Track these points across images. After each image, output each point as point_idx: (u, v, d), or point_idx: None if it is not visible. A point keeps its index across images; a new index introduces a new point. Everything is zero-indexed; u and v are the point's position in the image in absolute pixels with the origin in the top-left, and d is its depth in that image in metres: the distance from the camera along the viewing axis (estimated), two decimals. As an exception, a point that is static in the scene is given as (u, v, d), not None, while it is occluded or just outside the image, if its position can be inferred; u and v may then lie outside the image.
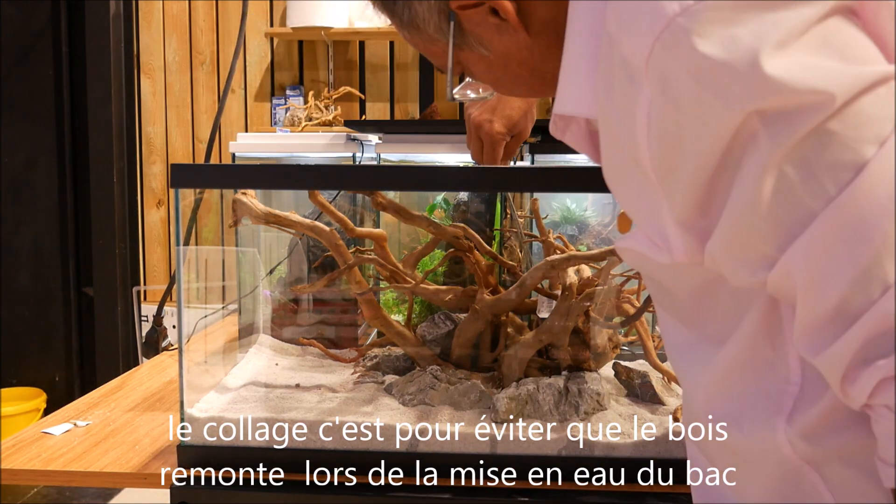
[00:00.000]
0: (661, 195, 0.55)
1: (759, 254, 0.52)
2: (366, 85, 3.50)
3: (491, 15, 0.65)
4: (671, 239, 0.56)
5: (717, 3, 0.49)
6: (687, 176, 0.53)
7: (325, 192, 1.29)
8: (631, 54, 0.53)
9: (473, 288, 1.19)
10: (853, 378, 0.50)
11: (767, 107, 0.48)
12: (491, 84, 0.75)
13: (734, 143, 0.50)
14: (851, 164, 0.47)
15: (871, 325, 0.48)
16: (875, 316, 0.48)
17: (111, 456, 1.08)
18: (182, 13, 3.55)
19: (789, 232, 0.50)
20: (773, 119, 0.48)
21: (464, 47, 0.69)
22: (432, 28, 0.68)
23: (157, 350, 1.64)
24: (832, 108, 0.47)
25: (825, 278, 0.49)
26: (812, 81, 0.47)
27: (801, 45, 0.48)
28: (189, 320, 1.21)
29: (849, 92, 0.47)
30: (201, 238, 1.50)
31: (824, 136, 0.48)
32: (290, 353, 1.38)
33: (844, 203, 0.48)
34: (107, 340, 3.44)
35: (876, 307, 0.48)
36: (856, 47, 0.49)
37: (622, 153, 0.57)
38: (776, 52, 0.48)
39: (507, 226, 1.37)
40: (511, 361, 1.14)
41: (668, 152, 0.53)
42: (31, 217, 3.45)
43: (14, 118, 3.41)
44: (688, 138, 0.52)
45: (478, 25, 0.66)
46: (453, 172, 1.10)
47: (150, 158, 3.62)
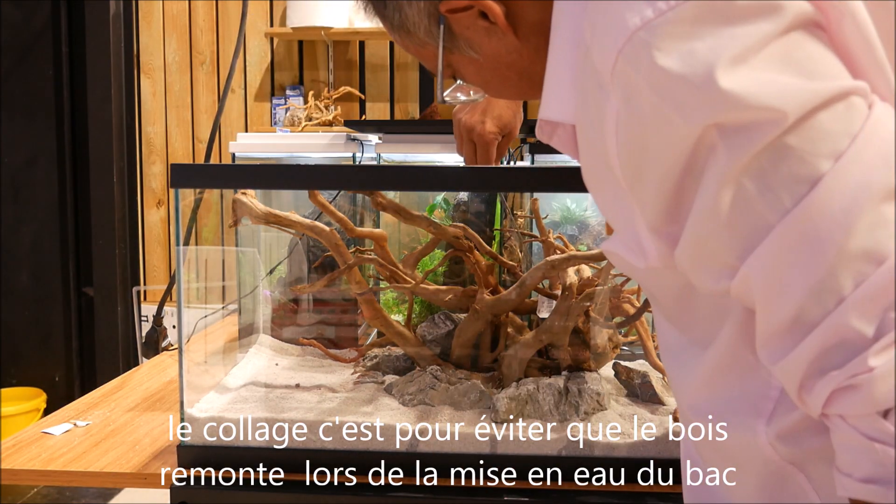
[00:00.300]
0: (633, 201, 0.56)
1: (720, 262, 0.53)
2: (366, 85, 3.50)
3: (480, 18, 0.65)
4: (645, 244, 0.57)
5: (678, 17, 0.50)
6: (653, 184, 0.54)
7: (325, 192, 1.29)
8: (599, 64, 0.54)
9: (473, 288, 1.19)
10: (809, 387, 0.51)
11: (724, 120, 0.49)
12: (481, 87, 0.76)
13: (696, 154, 0.51)
14: (807, 178, 0.48)
15: (825, 336, 0.49)
16: (829, 327, 0.49)
17: (111, 456, 1.08)
18: (182, 13, 3.55)
19: (748, 242, 0.51)
20: (731, 132, 0.49)
21: (454, 50, 0.70)
22: (422, 31, 0.69)
23: (157, 350, 1.64)
24: (785, 124, 0.48)
25: (782, 289, 0.50)
26: (766, 98, 0.48)
27: (759, 60, 0.48)
28: (189, 320, 1.21)
29: (803, 108, 0.48)
30: (201, 238, 1.50)
31: (781, 150, 0.49)
32: (290, 353, 1.38)
33: (800, 216, 0.49)
34: (107, 340, 3.44)
35: (830, 319, 0.49)
36: (817, 62, 0.50)
37: (597, 160, 0.58)
38: (732, 68, 0.48)
39: (507, 226, 1.37)
40: (511, 361, 1.14)
41: (635, 161, 0.54)
42: (31, 217, 3.45)
43: (14, 118, 3.41)
44: (651, 148, 0.53)
45: (467, 28, 0.67)
46: (453, 172, 1.10)
47: (150, 158, 3.62)
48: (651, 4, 0.50)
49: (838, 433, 0.51)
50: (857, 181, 0.48)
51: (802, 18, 0.50)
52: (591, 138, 0.57)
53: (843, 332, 0.48)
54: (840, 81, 0.49)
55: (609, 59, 0.52)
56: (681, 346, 0.65)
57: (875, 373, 0.47)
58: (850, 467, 0.50)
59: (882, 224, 0.48)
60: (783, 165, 0.49)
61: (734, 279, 0.53)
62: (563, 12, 0.60)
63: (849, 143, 0.48)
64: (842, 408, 0.49)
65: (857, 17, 0.51)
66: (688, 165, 0.52)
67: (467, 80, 0.74)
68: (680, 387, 0.66)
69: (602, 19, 0.54)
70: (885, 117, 0.50)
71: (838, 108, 0.48)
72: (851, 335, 0.48)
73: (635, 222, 0.57)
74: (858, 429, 0.49)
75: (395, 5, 0.69)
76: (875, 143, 0.49)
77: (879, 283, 0.47)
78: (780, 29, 0.49)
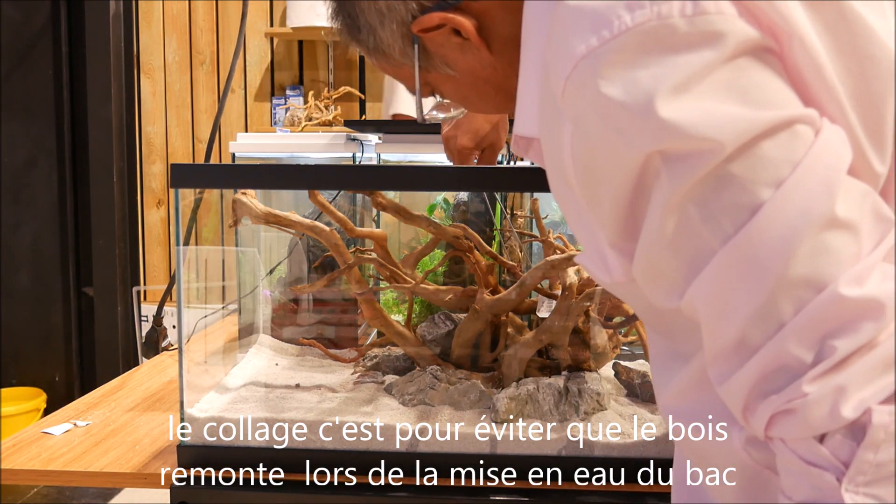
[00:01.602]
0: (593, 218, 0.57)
1: (670, 282, 0.54)
2: (366, 85, 3.50)
3: (453, 35, 0.66)
4: (609, 260, 0.58)
5: (621, 45, 0.50)
6: (608, 204, 0.54)
7: (325, 192, 1.29)
8: (554, 87, 0.54)
9: (473, 288, 1.19)
10: (752, 409, 0.51)
11: (666, 148, 0.49)
12: (460, 102, 0.77)
13: (643, 177, 0.52)
14: (748, 206, 0.49)
15: (766, 360, 0.50)
16: (769, 352, 0.49)
17: (111, 456, 1.08)
18: (182, 13, 3.55)
19: (693, 266, 0.52)
20: (673, 160, 0.50)
21: (430, 69, 0.70)
22: (397, 53, 0.69)
23: (157, 350, 1.64)
24: (723, 154, 0.48)
25: (725, 313, 0.51)
26: (703, 129, 0.48)
27: (702, 89, 0.49)
28: (189, 320, 1.21)
29: (742, 138, 0.48)
30: (201, 238, 1.50)
31: (723, 177, 0.49)
32: (290, 353, 1.38)
33: (740, 243, 0.49)
34: (107, 340, 3.44)
35: (770, 344, 0.49)
36: (762, 89, 0.50)
37: (559, 177, 0.58)
38: (673, 97, 0.48)
39: (507, 226, 1.38)
40: (511, 361, 1.14)
41: (588, 182, 0.55)
42: (31, 217, 3.45)
43: (14, 118, 3.41)
44: (601, 171, 0.53)
45: (441, 46, 0.67)
46: (453, 172, 1.10)
47: (150, 158, 3.62)
48: (596, 32, 0.51)
49: (779, 456, 0.52)
50: (798, 209, 0.48)
51: (748, 45, 0.50)
52: (553, 156, 0.58)
53: (783, 358, 0.49)
54: (784, 110, 0.49)
55: (559, 84, 0.53)
56: (667, 354, 0.66)
57: (809, 398, 0.48)
58: (791, 490, 0.51)
59: (822, 251, 0.48)
60: (725, 193, 0.49)
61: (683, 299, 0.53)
62: (531, 28, 0.61)
63: (790, 170, 0.48)
64: (781, 431, 0.50)
65: (804, 39, 0.51)
66: (637, 188, 0.52)
67: (446, 96, 0.75)
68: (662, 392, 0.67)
69: (555, 44, 0.54)
70: (833, 143, 0.50)
71: (782, 136, 0.49)
72: (790, 360, 0.49)
73: (598, 238, 0.58)
74: (797, 452, 0.50)
75: (368, 29, 0.69)
76: (818, 170, 0.49)
77: (818, 310, 0.48)
78: (724, 56, 0.49)
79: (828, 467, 0.48)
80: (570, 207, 0.60)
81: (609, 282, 0.59)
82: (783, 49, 0.51)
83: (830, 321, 0.48)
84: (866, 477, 0.47)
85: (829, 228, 0.48)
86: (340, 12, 0.71)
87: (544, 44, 0.57)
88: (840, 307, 0.48)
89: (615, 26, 0.50)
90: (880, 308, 0.47)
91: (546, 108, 0.57)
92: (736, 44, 0.49)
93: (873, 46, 0.53)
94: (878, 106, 0.53)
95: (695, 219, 0.50)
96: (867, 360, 0.47)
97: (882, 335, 0.48)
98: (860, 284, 0.48)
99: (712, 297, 0.51)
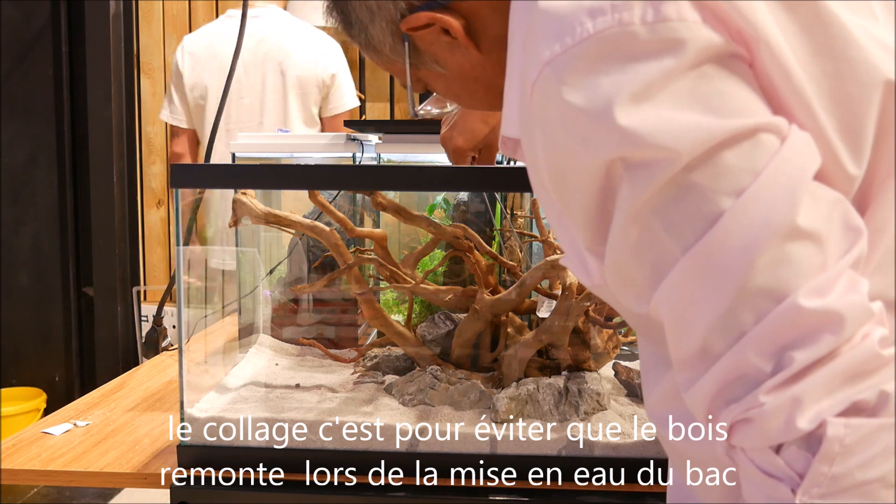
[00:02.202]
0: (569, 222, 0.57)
1: (637, 288, 0.54)
2: (366, 85, 3.50)
3: (443, 34, 0.66)
4: (587, 262, 0.58)
5: (583, 52, 0.50)
6: (578, 210, 0.54)
7: (325, 192, 1.29)
8: (525, 93, 0.54)
9: (473, 288, 1.19)
10: (715, 417, 0.51)
11: (626, 156, 0.49)
12: (452, 99, 0.77)
13: (608, 182, 0.52)
14: (708, 215, 0.49)
15: (726, 369, 0.50)
16: (730, 361, 0.49)
17: (111, 456, 1.08)
18: (182, 13, 3.55)
19: (656, 273, 0.52)
20: (634, 168, 0.50)
21: (421, 66, 0.71)
22: (388, 49, 0.70)
23: (157, 350, 1.64)
24: (680, 163, 0.48)
25: (688, 321, 0.51)
26: (660, 137, 0.48)
27: (663, 97, 0.48)
28: (189, 320, 1.21)
29: (699, 148, 0.48)
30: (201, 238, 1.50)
31: (684, 186, 0.49)
32: (290, 353, 1.38)
33: (701, 252, 0.49)
34: (107, 340, 3.43)
35: (731, 353, 0.49)
36: (726, 97, 0.49)
37: (538, 181, 0.59)
38: (633, 104, 0.48)
39: (506, 226, 1.38)
40: (511, 361, 1.14)
41: (560, 186, 0.55)
42: (31, 217, 3.45)
43: (14, 118, 3.41)
44: (570, 177, 0.53)
45: (431, 45, 0.67)
46: (453, 172, 1.10)
47: (150, 158, 3.62)
48: (560, 39, 0.51)
49: (739, 464, 0.52)
50: (759, 218, 0.48)
51: (712, 51, 0.49)
52: (530, 160, 0.58)
53: (743, 367, 0.49)
54: (747, 119, 0.49)
55: (528, 90, 0.53)
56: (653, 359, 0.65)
57: (765, 408, 0.48)
58: (749, 498, 0.51)
59: (783, 262, 0.48)
60: (685, 202, 0.49)
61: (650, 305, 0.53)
62: (515, 29, 0.61)
63: (751, 180, 0.48)
64: (740, 440, 0.50)
65: (771, 44, 0.50)
66: (603, 193, 0.52)
67: (439, 93, 0.75)
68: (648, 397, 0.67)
69: (528, 47, 0.54)
70: (799, 151, 0.49)
71: (744, 145, 0.48)
72: (750, 370, 0.49)
73: (576, 241, 0.58)
74: (754, 461, 0.50)
75: (359, 26, 0.69)
76: (781, 180, 0.48)
77: (777, 320, 0.48)
78: (686, 64, 0.48)
79: (783, 478, 0.48)
80: (550, 210, 0.60)
81: (590, 284, 0.59)
82: (752, 54, 0.51)
83: (789, 332, 0.48)
84: (821, 489, 0.47)
85: (790, 239, 0.48)
86: (334, 9, 0.72)
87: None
88: (799, 318, 0.47)
89: (577, 33, 0.50)
90: (839, 321, 0.47)
91: (523, 112, 0.57)
92: (698, 50, 0.49)
93: (850, 48, 0.52)
94: (853, 108, 0.52)
95: (657, 227, 0.50)
96: (825, 372, 0.47)
97: (844, 347, 0.47)
98: (822, 295, 0.47)
99: (675, 305, 0.51)
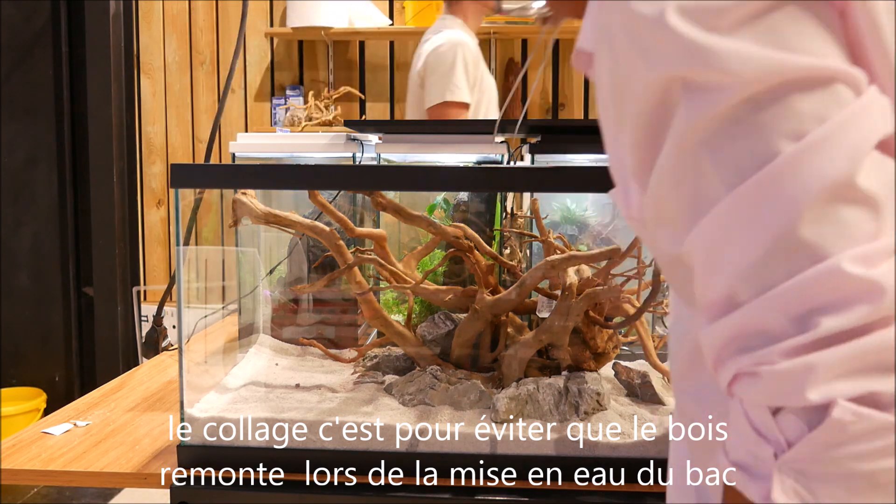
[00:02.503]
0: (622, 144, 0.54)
1: (674, 225, 0.51)
2: (366, 85, 3.50)
3: None
4: (630, 191, 0.55)
5: None
6: (630, 128, 0.52)
7: (325, 191, 1.29)
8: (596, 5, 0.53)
9: (473, 288, 1.19)
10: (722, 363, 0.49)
11: (688, 75, 0.47)
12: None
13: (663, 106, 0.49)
14: (761, 155, 0.46)
15: (746, 319, 0.47)
16: (751, 312, 0.47)
17: (111, 456, 1.08)
18: (182, 13, 3.55)
19: (695, 210, 0.49)
20: (693, 91, 0.47)
21: None
22: None
23: (157, 350, 1.64)
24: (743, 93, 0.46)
25: (720, 266, 0.48)
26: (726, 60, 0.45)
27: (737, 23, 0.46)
28: (189, 320, 1.21)
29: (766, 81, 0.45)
30: (201, 238, 1.50)
31: (742, 120, 0.46)
32: (290, 353, 1.38)
33: (746, 193, 0.46)
34: (107, 340, 3.44)
35: (750, 306, 0.47)
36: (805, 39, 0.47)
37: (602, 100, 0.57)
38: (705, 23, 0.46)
39: (506, 226, 1.37)
40: (511, 361, 1.14)
41: (618, 101, 0.53)
42: (31, 217, 3.45)
43: (14, 118, 3.41)
44: (626, 92, 0.52)
45: None
46: (453, 172, 1.10)
47: (150, 158, 3.62)
48: None
49: (732, 413, 0.49)
50: (816, 168, 0.44)
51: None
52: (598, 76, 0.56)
53: (765, 320, 0.46)
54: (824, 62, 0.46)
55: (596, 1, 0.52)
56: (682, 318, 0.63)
57: (777, 368, 0.45)
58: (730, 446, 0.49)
59: (832, 220, 0.44)
60: (741, 137, 0.46)
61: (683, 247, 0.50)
62: None
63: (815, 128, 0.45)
64: (741, 391, 0.48)
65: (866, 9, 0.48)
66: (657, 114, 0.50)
67: None
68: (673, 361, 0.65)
69: None
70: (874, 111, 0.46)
71: (816, 91, 0.45)
72: (772, 325, 0.46)
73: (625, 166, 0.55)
74: (748, 415, 0.47)
75: None
76: (848, 133, 0.45)
77: (814, 280, 0.44)
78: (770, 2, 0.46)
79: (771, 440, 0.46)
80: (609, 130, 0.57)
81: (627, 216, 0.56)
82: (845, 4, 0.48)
83: (823, 295, 0.44)
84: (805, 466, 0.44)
85: (845, 197, 0.44)
86: None
87: None
88: (838, 282, 0.44)
89: None
90: (880, 293, 0.43)
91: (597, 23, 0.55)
92: None
93: None
94: None
95: (705, 160, 0.48)
96: (849, 348, 0.43)
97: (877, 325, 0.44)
98: (868, 265, 0.44)
99: (709, 246, 0.48)
